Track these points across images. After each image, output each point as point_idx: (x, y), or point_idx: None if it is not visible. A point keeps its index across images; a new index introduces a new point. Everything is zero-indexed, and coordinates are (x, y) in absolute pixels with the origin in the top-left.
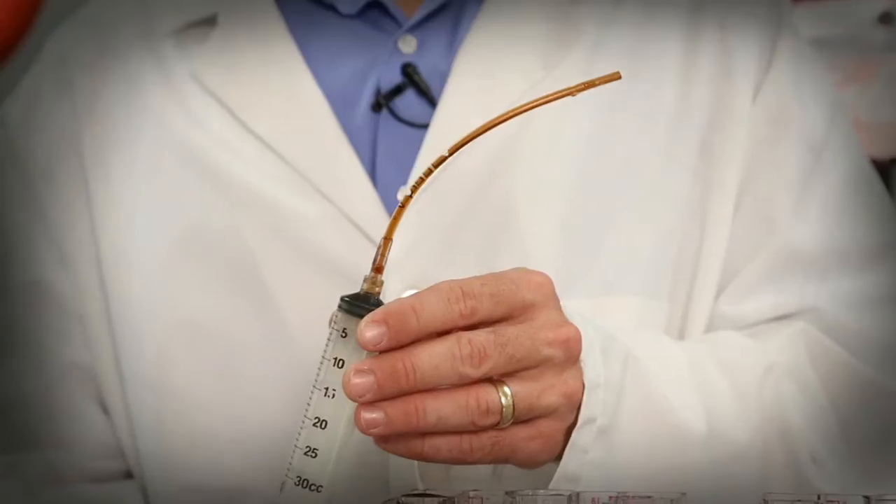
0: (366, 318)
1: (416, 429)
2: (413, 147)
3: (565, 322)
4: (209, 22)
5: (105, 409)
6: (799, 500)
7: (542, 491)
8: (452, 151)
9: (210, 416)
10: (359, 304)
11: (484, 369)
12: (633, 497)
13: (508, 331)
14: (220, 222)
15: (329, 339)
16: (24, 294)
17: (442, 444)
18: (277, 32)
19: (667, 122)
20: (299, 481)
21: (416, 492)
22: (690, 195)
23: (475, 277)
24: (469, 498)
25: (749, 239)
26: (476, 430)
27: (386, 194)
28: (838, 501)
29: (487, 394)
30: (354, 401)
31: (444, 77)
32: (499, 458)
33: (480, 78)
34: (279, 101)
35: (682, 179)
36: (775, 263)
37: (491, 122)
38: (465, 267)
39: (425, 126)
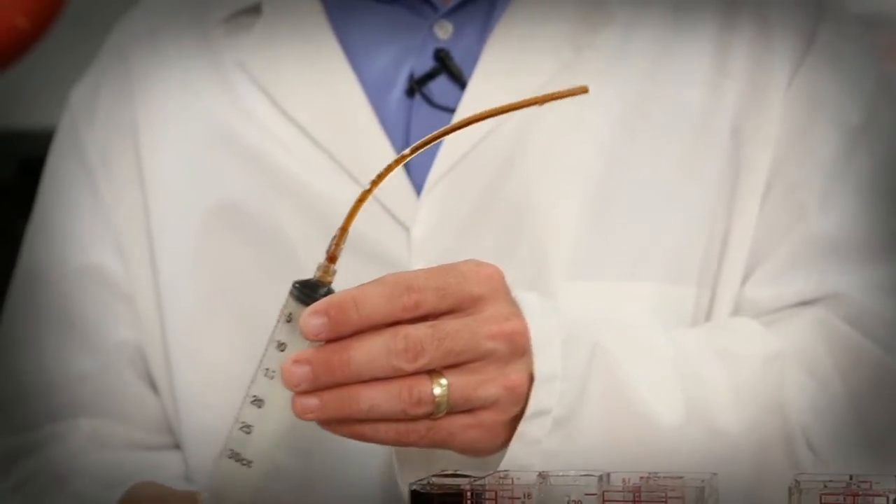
0: (309, 308)
1: (349, 416)
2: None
3: (513, 315)
4: (255, 10)
5: (154, 387)
6: (830, 481)
7: (572, 472)
8: (415, 150)
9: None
10: (307, 291)
11: (419, 364)
12: (664, 477)
13: (449, 325)
14: (260, 205)
15: (277, 322)
16: (79, 275)
17: (380, 426)
18: (317, 20)
19: (699, 107)
20: (231, 454)
21: (447, 472)
22: (720, 181)
23: (423, 270)
24: (500, 478)
25: (777, 224)
26: (410, 418)
27: (418, 179)
28: (870, 482)
29: (421, 385)
30: (290, 389)
31: (477, 61)
32: (436, 444)
33: (510, 61)
34: (317, 89)
35: (712, 165)
36: (802, 249)
37: (460, 122)
38: (485, 250)
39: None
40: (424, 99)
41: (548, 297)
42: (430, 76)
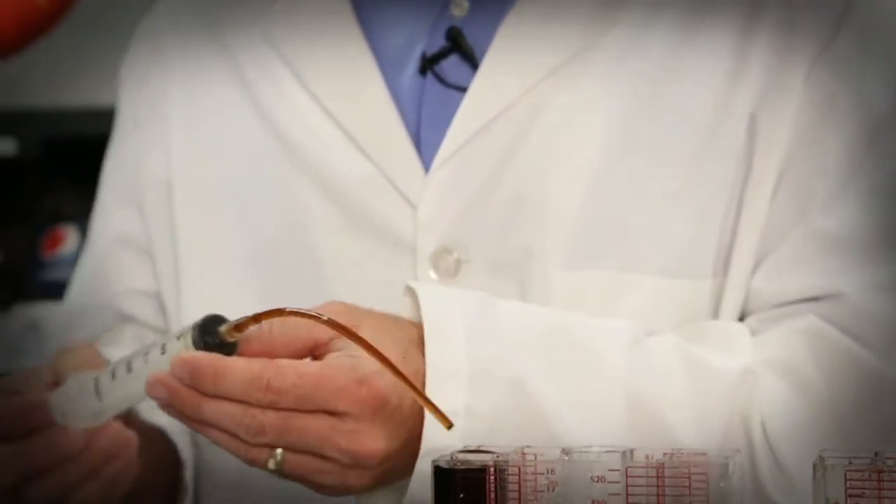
0: (163, 374)
1: (189, 421)
2: (456, 111)
3: (370, 437)
4: None
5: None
6: (856, 457)
7: (596, 448)
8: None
9: None
10: (202, 332)
11: (259, 441)
12: (688, 453)
13: (300, 421)
14: (278, 175)
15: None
16: (107, 235)
17: (222, 437)
18: None
19: (714, 98)
20: (95, 381)
21: (470, 448)
22: (731, 173)
23: (300, 368)
24: (523, 455)
25: (785, 218)
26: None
27: (428, 157)
28: (895, 457)
29: (257, 452)
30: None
31: (492, 40)
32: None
33: (525, 41)
34: (335, 64)
35: (725, 157)
36: (808, 245)
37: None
38: (491, 230)
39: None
40: (437, 78)
41: (542, 287)
42: (441, 55)
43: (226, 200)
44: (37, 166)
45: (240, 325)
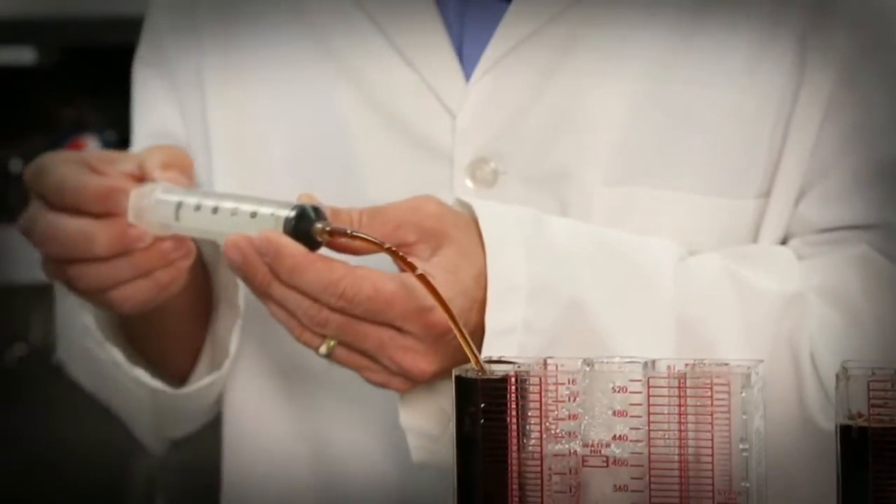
0: (244, 240)
1: (254, 290)
2: (499, 24)
3: (425, 358)
4: None
5: None
6: (879, 368)
7: (617, 358)
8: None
9: None
10: (296, 222)
11: (317, 331)
12: (710, 364)
13: (363, 328)
14: (316, 79)
15: (263, 203)
16: (148, 130)
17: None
18: None
19: (763, 19)
20: (178, 205)
21: (492, 358)
22: (778, 95)
23: (374, 284)
24: (545, 365)
25: (835, 146)
26: None
27: (470, 68)
28: None
29: (311, 336)
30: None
31: None
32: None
33: None
34: None
35: (773, 79)
36: (859, 174)
37: None
38: (531, 142)
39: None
40: None
41: (583, 202)
42: None
43: (262, 102)
44: (56, 75)
45: (333, 233)
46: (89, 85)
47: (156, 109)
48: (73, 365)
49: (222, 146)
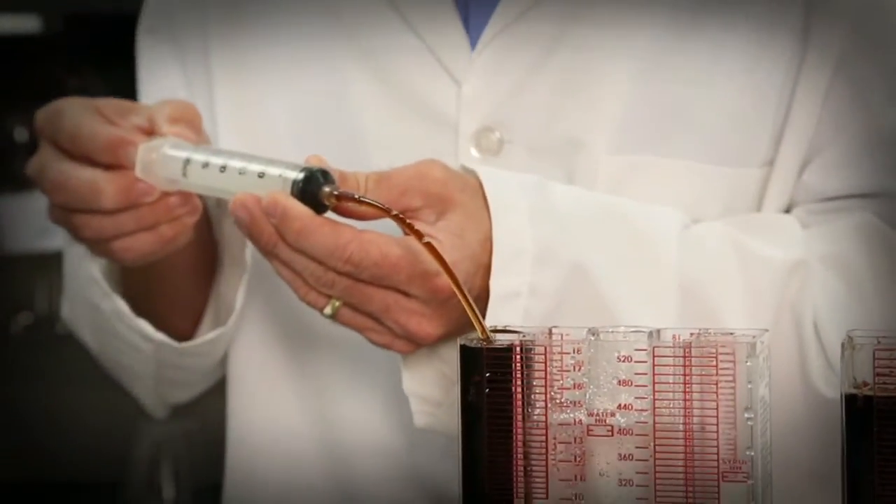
0: (252, 200)
1: (260, 250)
2: None
3: (430, 322)
4: None
5: None
6: (885, 336)
7: (622, 327)
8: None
9: None
10: (304, 185)
11: (323, 291)
12: (715, 333)
13: (369, 291)
14: (321, 45)
15: (273, 162)
16: (152, 95)
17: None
18: None
19: None
20: (186, 162)
21: (497, 327)
22: (784, 65)
23: (381, 249)
24: (550, 334)
25: (840, 115)
26: None
27: (474, 33)
28: None
29: (317, 296)
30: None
31: None
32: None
33: None
34: None
35: (779, 49)
36: (862, 142)
37: None
38: (536, 111)
39: None
40: None
41: (588, 171)
42: None
43: (267, 70)
44: (60, 44)
45: (341, 197)
46: (93, 53)
47: (161, 77)
48: (77, 322)
49: (227, 113)
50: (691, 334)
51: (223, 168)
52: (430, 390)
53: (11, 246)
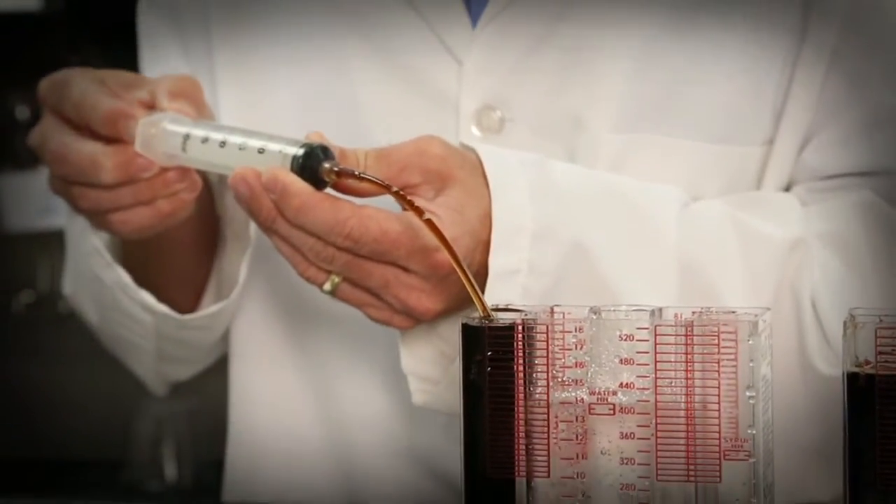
0: (252, 174)
1: (260, 225)
2: None
3: (430, 297)
4: None
5: None
6: (886, 315)
7: (624, 306)
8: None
9: None
10: (304, 160)
11: (322, 266)
12: (717, 311)
13: (369, 266)
14: (322, 23)
15: (273, 139)
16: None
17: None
18: None
19: None
20: (186, 137)
21: (500, 305)
22: (785, 44)
23: (381, 225)
24: (552, 312)
25: (839, 94)
26: None
27: (475, 11)
28: None
29: (316, 272)
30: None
31: None
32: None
33: None
34: None
35: (779, 28)
36: (861, 121)
37: None
38: (538, 89)
39: None
40: None
41: (589, 149)
42: None
43: (268, 47)
44: (62, 21)
45: (341, 173)
46: (95, 30)
47: (162, 54)
48: (79, 296)
49: (228, 91)
50: (693, 313)
51: (223, 143)
52: (429, 369)
53: (13, 224)
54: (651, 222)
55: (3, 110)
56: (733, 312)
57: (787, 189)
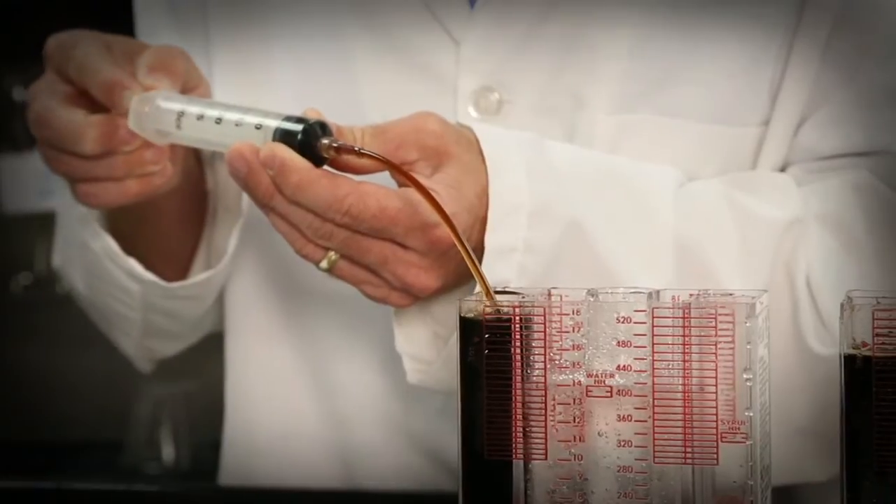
0: (249, 150)
1: (257, 202)
2: None
3: (427, 274)
4: None
5: None
6: (884, 297)
7: (622, 289)
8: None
9: None
10: (299, 135)
11: (320, 243)
12: (714, 294)
13: (367, 243)
14: (323, 9)
15: (270, 114)
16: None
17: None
18: None
19: None
20: (180, 114)
21: (496, 288)
22: (782, 25)
23: (379, 202)
24: (549, 295)
25: (836, 74)
26: None
27: None
28: None
29: (314, 248)
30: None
31: None
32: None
33: None
34: None
35: (777, 9)
36: (858, 101)
37: None
38: (535, 70)
39: None
40: None
41: (587, 130)
42: None
43: (265, 27)
44: (59, 2)
45: (340, 149)
46: (93, 11)
47: (159, 34)
48: (68, 266)
49: (224, 70)
50: (690, 295)
51: (218, 120)
52: (422, 349)
53: (11, 206)
54: (647, 202)
55: (1, 92)
56: (730, 295)
57: (783, 170)
